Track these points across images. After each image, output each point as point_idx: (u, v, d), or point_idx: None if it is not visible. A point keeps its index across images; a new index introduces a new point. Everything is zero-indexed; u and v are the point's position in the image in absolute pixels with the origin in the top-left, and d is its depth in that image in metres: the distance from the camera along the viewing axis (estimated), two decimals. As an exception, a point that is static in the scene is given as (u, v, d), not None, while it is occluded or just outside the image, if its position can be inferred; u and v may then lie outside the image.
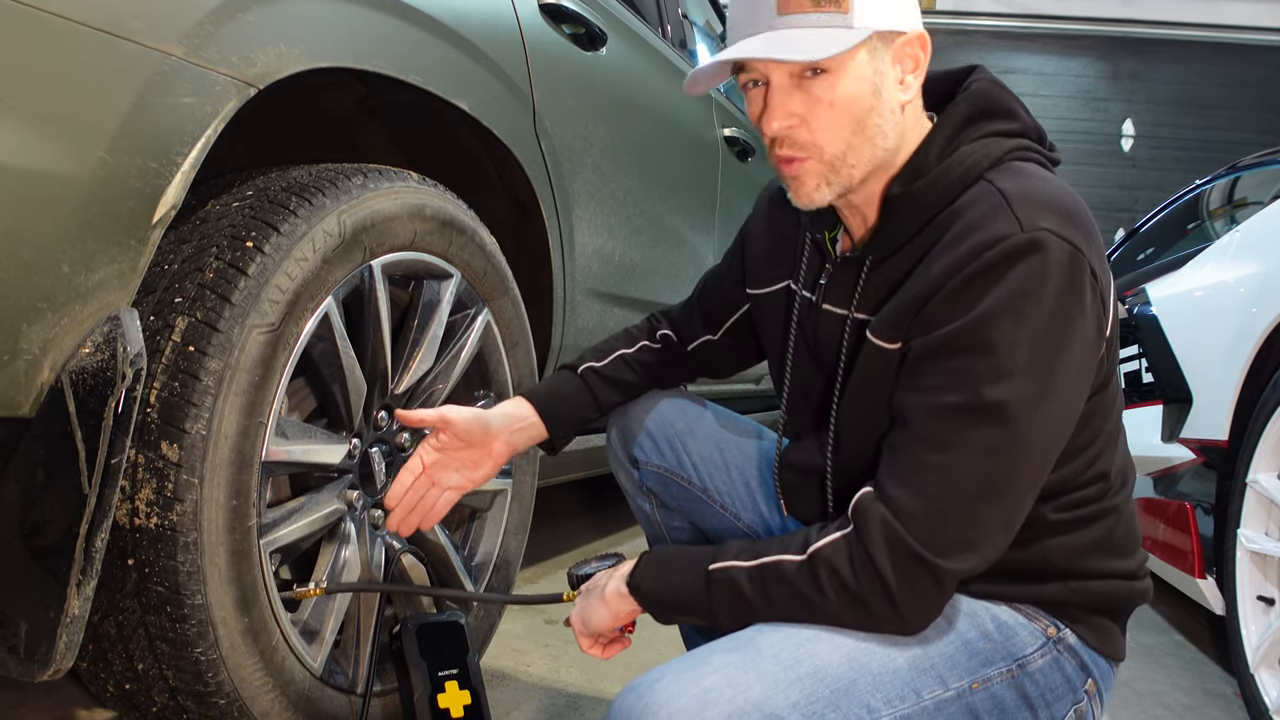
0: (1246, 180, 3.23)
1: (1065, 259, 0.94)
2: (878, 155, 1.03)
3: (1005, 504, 0.96)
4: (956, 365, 0.95)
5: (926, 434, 0.96)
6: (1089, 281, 0.95)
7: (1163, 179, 7.56)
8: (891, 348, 1.02)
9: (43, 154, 0.92)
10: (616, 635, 1.16)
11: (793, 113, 1.00)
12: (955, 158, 1.02)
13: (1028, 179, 0.99)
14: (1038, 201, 0.96)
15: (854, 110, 1.00)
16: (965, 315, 0.94)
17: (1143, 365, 2.60)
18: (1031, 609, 1.07)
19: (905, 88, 1.03)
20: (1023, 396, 0.93)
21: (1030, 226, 0.94)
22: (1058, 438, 0.98)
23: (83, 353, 0.99)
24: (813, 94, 0.99)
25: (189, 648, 1.11)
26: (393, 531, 1.34)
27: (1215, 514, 2.00)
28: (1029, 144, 1.05)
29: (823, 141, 1.01)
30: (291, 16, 1.19)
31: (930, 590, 0.95)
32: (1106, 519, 1.07)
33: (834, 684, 0.94)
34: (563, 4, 1.88)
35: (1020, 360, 0.93)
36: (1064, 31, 7.85)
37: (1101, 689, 1.09)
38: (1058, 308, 0.94)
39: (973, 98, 1.06)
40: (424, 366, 1.46)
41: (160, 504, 1.08)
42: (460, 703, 1.33)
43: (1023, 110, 1.08)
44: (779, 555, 0.99)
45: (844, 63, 0.98)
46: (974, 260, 0.95)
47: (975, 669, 1.01)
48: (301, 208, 1.21)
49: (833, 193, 1.04)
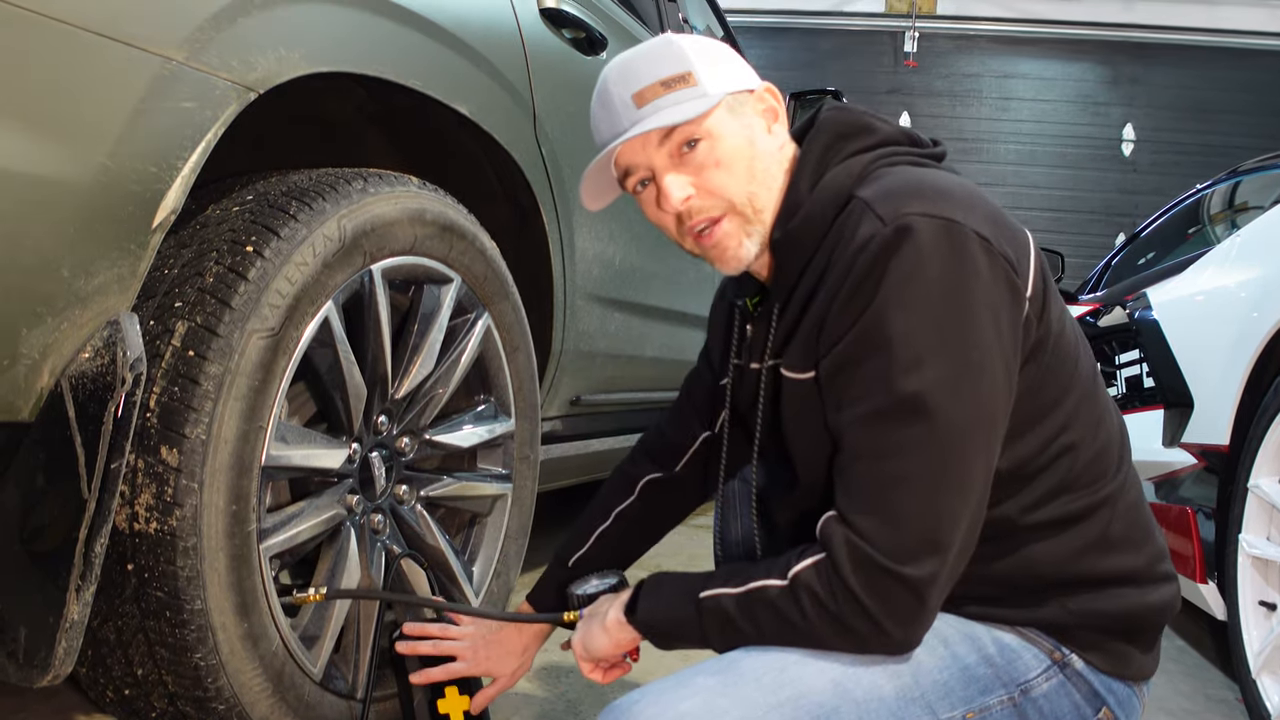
0: (1247, 185, 3.23)
1: (937, 233, 0.93)
2: (774, 198, 1.06)
3: (958, 493, 0.93)
4: (864, 371, 0.94)
5: (860, 447, 0.95)
6: (979, 246, 0.93)
7: (1163, 183, 7.55)
8: (805, 376, 1.03)
9: (43, 159, 0.92)
10: (618, 660, 1.16)
11: (685, 184, 1.05)
12: (820, 186, 1.04)
13: (891, 178, 1.01)
14: (899, 194, 0.97)
15: (740, 162, 1.05)
16: (856, 322, 0.95)
17: (1144, 370, 2.60)
18: (1034, 633, 1.03)
19: (773, 135, 1.08)
20: (938, 381, 0.91)
21: (893, 217, 0.94)
22: (994, 414, 0.94)
23: (82, 357, 0.99)
24: (697, 163, 1.04)
25: (188, 653, 1.11)
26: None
27: (1217, 519, 2.00)
28: (892, 150, 1.06)
29: (728, 195, 1.05)
30: (291, 21, 1.19)
31: (908, 602, 0.92)
32: (1091, 517, 1.02)
33: (815, 711, 0.93)
34: (563, 8, 1.88)
35: (923, 346, 0.92)
36: (1065, 36, 7.85)
37: (1120, 716, 1.04)
38: (948, 283, 0.92)
39: (824, 126, 1.08)
40: (424, 371, 1.46)
41: (160, 509, 1.08)
42: (460, 708, 1.33)
43: (879, 121, 1.09)
44: (764, 580, 0.98)
45: (712, 126, 1.04)
46: (850, 270, 0.95)
47: (971, 698, 0.99)
48: (301, 212, 1.21)
49: (754, 245, 1.07)
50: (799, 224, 1.04)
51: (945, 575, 0.93)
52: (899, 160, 1.05)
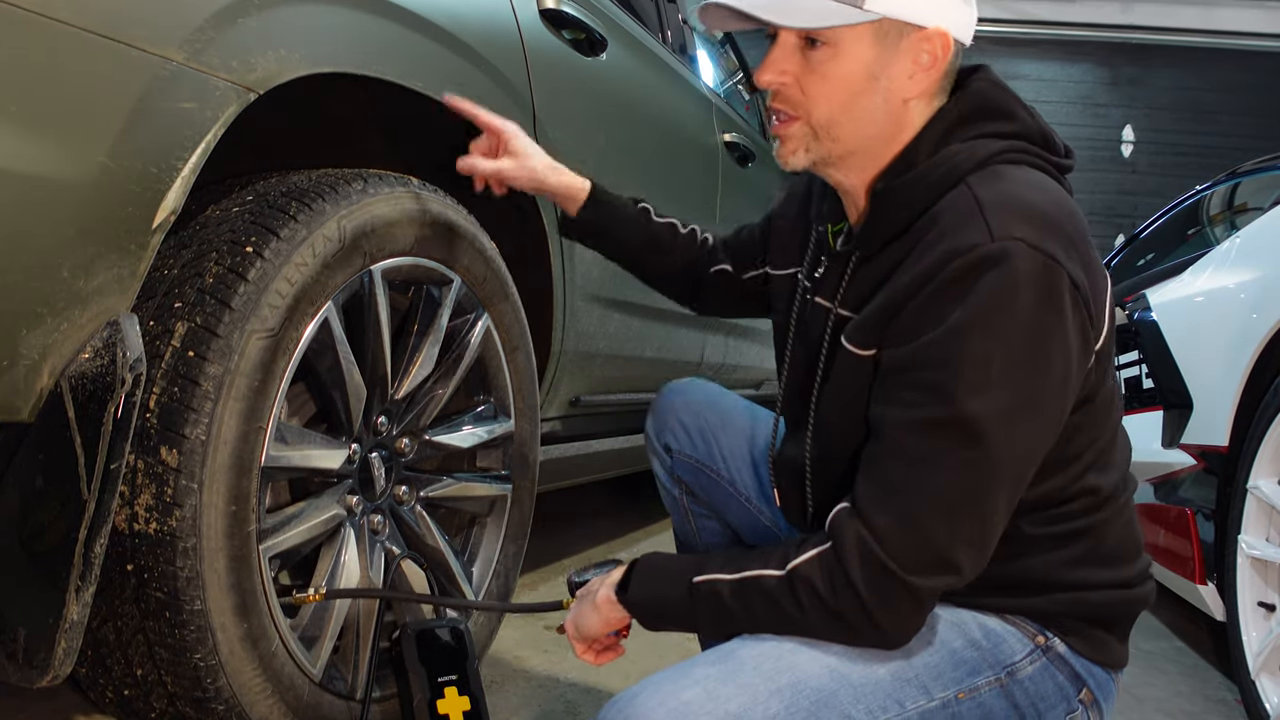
0: (1246, 186, 3.23)
1: (1037, 270, 0.91)
2: (862, 138, 1.03)
3: (981, 520, 0.94)
4: (928, 379, 0.93)
5: (900, 449, 0.94)
6: (1068, 292, 0.93)
7: (1162, 184, 7.56)
8: (865, 354, 1.01)
9: (43, 159, 0.92)
10: (611, 643, 1.16)
11: (785, 71, 1.02)
12: (939, 157, 1.01)
13: (1009, 184, 0.97)
14: (1013, 208, 0.94)
15: (844, 89, 1.00)
16: (935, 328, 0.93)
17: (1143, 371, 2.60)
18: (1020, 619, 1.05)
19: (913, 82, 1.02)
20: (997, 411, 0.91)
21: (1001, 235, 0.92)
22: (1035, 452, 0.96)
23: (82, 358, 0.99)
24: (809, 62, 1.01)
25: (188, 653, 1.11)
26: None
27: (1216, 520, 2.00)
28: (1024, 146, 1.03)
29: (811, 105, 1.02)
30: (292, 22, 1.19)
31: (907, 607, 0.94)
32: (1093, 533, 1.05)
33: (814, 695, 0.93)
34: (563, 9, 1.88)
35: (994, 374, 0.91)
36: (1064, 37, 7.86)
37: (1099, 698, 1.07)
38: (1032, 320, 0.91)
39: (969, 97, 1.04)
40: (424, 372, 1.46)
41: (159, 509, 1.08)
42: (459, 708, 1.33)
43: (1024, 112, 1.05)
44: (760, 570, 0.98)
45: (842, 39, 0.99)
46: (941, 270, 0.93)
47: (961, 679, 1.00)
48: (301, 213, 1.21)
49: (809, 159, 1.05)
50: (904, 185, 1.01)
51: (948, 589, 0.95)
52: (1025, 160, 1.02)
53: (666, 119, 2.42)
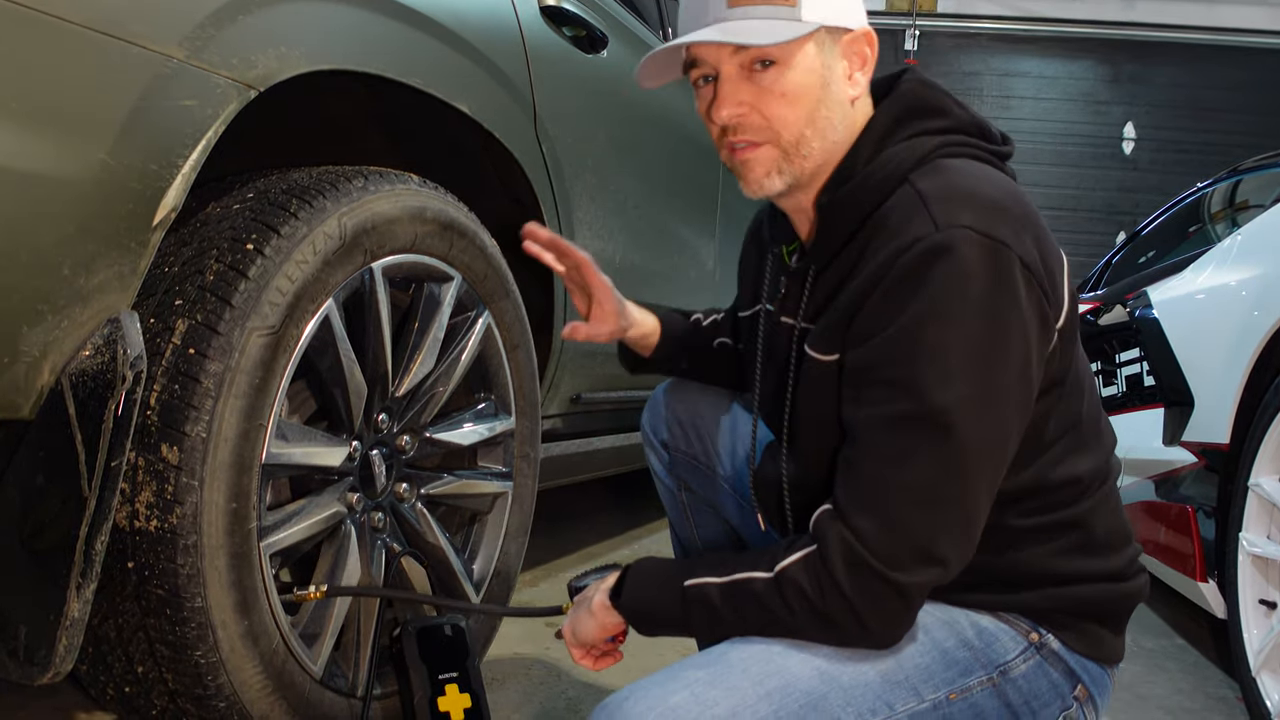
0: (1248, 183, 3.23)
1: (985, 254, 0.92)
2: (827, 150, 1.03)
3: (960, 510, 0.94)
4: (891, 375, 0.94)
5: (872, 447, 0.95)
6: (1020, 273, 0.93)
7: (1164, 182, 7.55)
8: (828, 359, 1.02)
9: (43, 156, 0.92)
10: (609, 648, 1.16)
11: (742, 101, 1.02)
12: (878, 161, 1.02)
13: (951, 175, 0.98)
14: (957, 198, 0.95)
15: (804, 101, 1.01)
16: (892, 324, 0.93)
17: (1144, 368, 2.59)
18: (1012, 616, 1.05)
19: (853, 83, 1.04)
20: (961, 399, 0.91)
21: (946, 225, 0.92)
22: (1007, 437, 0.96)
23: (83, 355, 0.99)
24: (762, 85, 1.01)
25: (189, 651, 1.11)
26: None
27: (1217, 517, 2.00)
28: (961, 139, 1.04)
29: (779, 127, 1.02)
30: (292, 19, 1.19)
31: (895, 605, 0.93)
32: (1081, 522, 1.05)
33: (803, 698, 0.93)
34: (564, 6, 1.88)
35: (954, 363, 0.91)
36: (1065, 34, 7.84)
37: (1094, 694, 1.07)
38: (986, 304, 0.92)
39: (900, 99, 1.05)
40: (425, 369, 1.46)
41: (160, 507, 1.08)
42: (460, 706, 1.33)
43: (955, 106, 1.06)
44: (749, 573, 0.98)
45: (791, 54, 1.00)
46: (892, 266, 0.94)
47: (953, 679, 1.00)
48: (302, 210, 1.21)
49: (783, 182, 1.04)
50: (848, 193, 1.02)
51: (934, 584, 0.95)
52: (964, 152, 1.03)
53: (668, 117, 2.42)
